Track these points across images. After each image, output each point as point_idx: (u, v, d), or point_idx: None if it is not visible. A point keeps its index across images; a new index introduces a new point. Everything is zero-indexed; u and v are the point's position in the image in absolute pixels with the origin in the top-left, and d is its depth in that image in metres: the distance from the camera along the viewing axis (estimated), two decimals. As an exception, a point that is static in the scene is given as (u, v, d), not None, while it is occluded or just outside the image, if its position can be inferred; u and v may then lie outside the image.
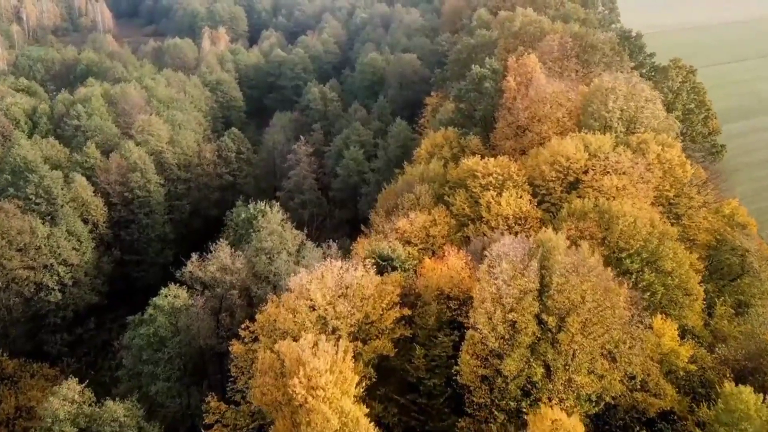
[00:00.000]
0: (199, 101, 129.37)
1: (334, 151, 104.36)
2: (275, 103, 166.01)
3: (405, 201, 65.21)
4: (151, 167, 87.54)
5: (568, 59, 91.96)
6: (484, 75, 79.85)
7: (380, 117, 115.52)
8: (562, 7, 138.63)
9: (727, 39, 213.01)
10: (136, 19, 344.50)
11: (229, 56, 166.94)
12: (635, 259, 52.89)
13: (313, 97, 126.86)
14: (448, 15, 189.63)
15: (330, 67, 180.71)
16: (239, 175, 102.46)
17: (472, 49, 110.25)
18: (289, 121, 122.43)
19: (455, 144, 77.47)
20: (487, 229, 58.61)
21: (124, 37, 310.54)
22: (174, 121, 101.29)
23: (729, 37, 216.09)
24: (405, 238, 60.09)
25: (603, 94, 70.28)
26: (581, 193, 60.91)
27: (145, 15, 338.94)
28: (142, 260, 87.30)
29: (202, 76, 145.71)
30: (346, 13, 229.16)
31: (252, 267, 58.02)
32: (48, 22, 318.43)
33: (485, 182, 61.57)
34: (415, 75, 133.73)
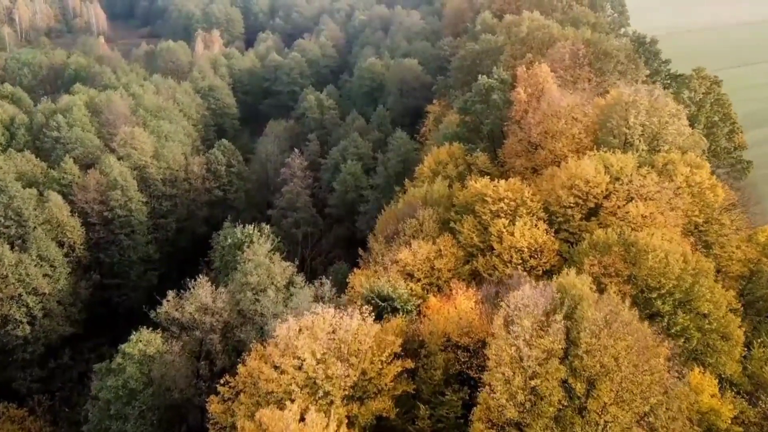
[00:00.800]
0: (189, 109, 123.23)
1: (331, 164, 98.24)
2: (270, 109, 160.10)
3: (407, 227, 59.12)
4: (133, 184, 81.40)
5: (581, 67, 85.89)
6: (491, 86, 73.77)
7: (379, 127, 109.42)
8: (570, 10, 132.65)
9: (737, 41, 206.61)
10: (132, 20, 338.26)
11: (222, 60, 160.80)
12: (667, 300, 46.74)
13: (309, 105, 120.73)
14: (450, 17, 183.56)
15: (328, 72, 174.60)
16: (229, 190, 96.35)
17: (477, 55, 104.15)
18: (283, 130, 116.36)
19: (461, 161, 71.40)
20: (498, 262, 52.53)
21: (119, 39, 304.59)
22: (160, 132, 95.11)
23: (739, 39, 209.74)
24: (407, 271, 54.05)
25: (623, 109, 64.16)
26: (602, 220, 54.83)
27: (141, 16, 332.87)
28: (123, 284, 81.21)
29: (194, 82, 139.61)
30: (345, 15, 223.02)
31: (236, 304, 51.91)
32: (41, 23, 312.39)
33: (496, 208, 55.46)
34: (416, 81, 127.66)
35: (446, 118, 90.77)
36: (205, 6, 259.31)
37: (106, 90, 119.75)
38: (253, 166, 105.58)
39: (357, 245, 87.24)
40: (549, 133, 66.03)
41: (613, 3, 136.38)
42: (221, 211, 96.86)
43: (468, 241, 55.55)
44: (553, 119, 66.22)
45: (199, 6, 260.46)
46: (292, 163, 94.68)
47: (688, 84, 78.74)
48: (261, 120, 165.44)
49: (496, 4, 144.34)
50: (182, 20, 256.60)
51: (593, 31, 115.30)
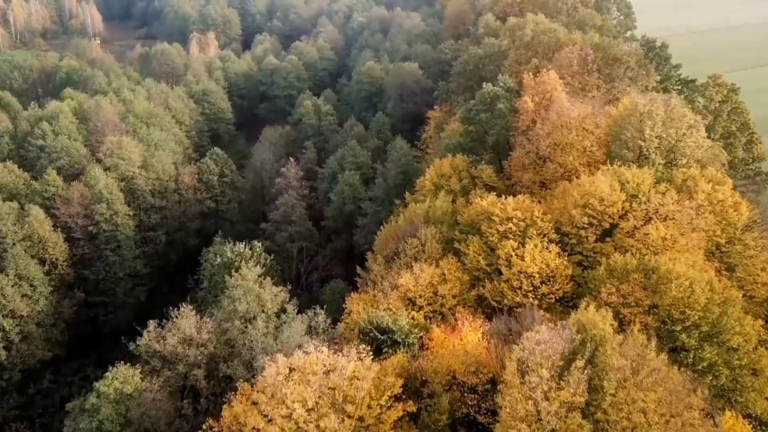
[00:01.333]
0: (182, 114, 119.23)
1: (328, 174, 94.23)
2: (267, 114, 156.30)
3: (408, 247, 55.13)
4: (119, 197, 77.39)
5: (589, 74, 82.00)
6: (497, 94, 69.79)
7: (379, 134, 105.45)
8: (575, 12, 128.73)
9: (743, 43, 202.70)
10: (129, 21, 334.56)
11: (218, 63, 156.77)
12: (692, 334, 42.79)
13: (306, 111, 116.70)
14: (451, 19, 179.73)
15: (326, 75, 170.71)
16: (222, 201, 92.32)
17: (480, 59, 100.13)
18: (279, 136, 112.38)
19: (465, 174, 67.41)
20: (507, 288, 48.54)
21: (115, 41, 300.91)
22: (150, 141, 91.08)
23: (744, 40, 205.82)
24: (408, 297, 50.09)
25: (638, 120, 60.20)
26: (618, 242, 50.87)
27: (138, 17, 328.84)
28: (109, 301, 77.24)
29: (188, 86, 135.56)
30: (343, 16, 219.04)
31: (223, 333, 47.96)
32: (37, 24, 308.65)
33: (504, 229, 51.47)
34: (416, 86, 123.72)
35: (448, 127, 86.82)
36: (201, 7, 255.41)
37: (96, 95, 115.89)
38: (247, 174, 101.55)
39: (355, 260, 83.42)
40: (558, 146, 62.06)
41: (619, 5, 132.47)
42: (214, 222, 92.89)
43: (474, 265, 51.58)
44: (563, 131, 62.25)
45: (195, 7, 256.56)
46: (287, 173, 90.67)
47: (704, 92, 74.76)
48: (257, 124, 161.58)
49: (499, 6, 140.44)
50: (178, 22, 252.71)
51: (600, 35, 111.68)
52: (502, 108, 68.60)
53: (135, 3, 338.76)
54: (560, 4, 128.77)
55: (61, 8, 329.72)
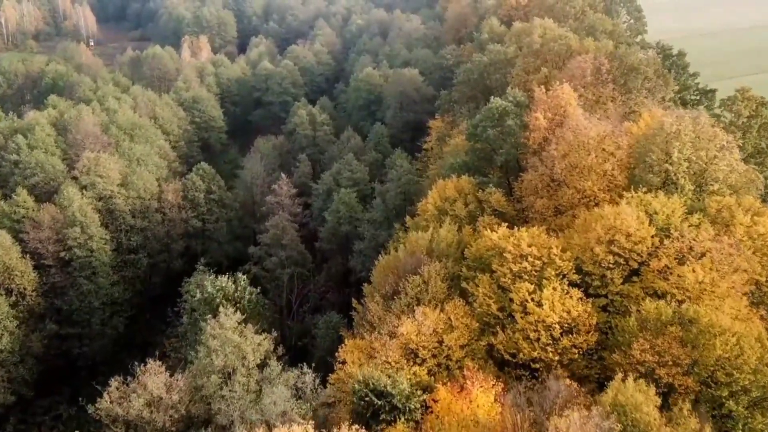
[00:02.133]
0: (170, 124, 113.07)
1: (323, 191, 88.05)
2: (261, 121, 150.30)
3: (409, 286, 49.03)
4: (95, 219, 71.23)
5: (604, 85, 75.93)
6: (505, 109, 63.65)
7: (377, 146, 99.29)
8: (583, 16, 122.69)
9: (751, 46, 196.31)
10: (124, 22, 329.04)
11: (210, 69, 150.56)
12: (741, 400, 36.77)
13: (300, 121, 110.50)
14: (452, 22, 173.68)
15: (322, 80, 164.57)
16: (209, 220, 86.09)
17: (484, 67, 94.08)
18: (272, 148, 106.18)
19: (471, 198, 61.24)
20: (522, 339, 42.44)
21: (109, 42, 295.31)
22: (132, 156, 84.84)
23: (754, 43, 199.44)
24: (410, 347, 44.01)
25: (664, 140, 54.11)
26: (648, 283, 44.76)
27: (133, 18, 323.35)
28: (84, 333, 71.06)
29: (178, 93, 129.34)
30: (341, 18, 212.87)
31: (198, 389, 41.86)
32: (29, 26, 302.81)
33: (517, 268, 45.35)
34: (416, 93, 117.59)
35: (452, 141, 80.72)
36: (196, 9, 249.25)
37: (79, 104, 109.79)
38: (237, 190, 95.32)
39: (351, 286, 77.42)
40: (575, 169, 55.90)
41: (629, 8, 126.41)
42: (200, 242, 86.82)
43: (484, 309, 45.44)
44: (581, 152, 56.11)
45: (189, 9, 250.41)
46: (278, 191, 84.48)
47: (731, 106, 68.64)
48: (251, 132, 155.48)
49: (503, 9, 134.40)
50: (172, 24, 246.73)
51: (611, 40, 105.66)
52: (512, 125, 62.47)
53: (130, 4, 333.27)
54: (568, 7, 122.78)
55: (55, 9, 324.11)
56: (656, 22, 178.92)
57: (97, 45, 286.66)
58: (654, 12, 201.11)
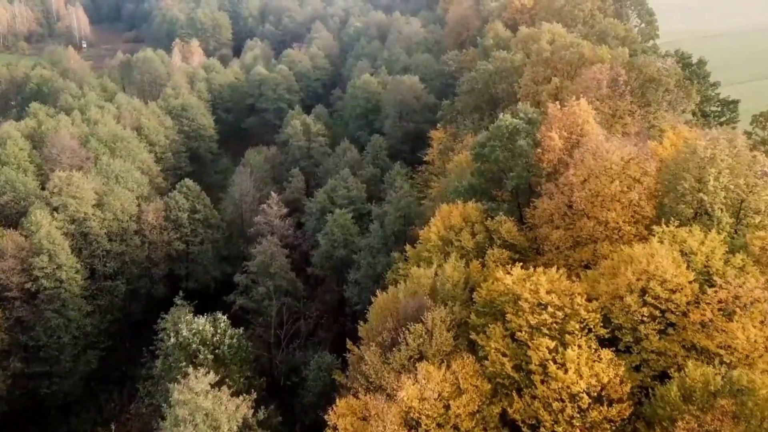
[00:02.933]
0: (156, 134, 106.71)
1: (316, 210, 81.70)
2: (255, 128, 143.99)
3: (410, 337, 42.82)
4: (64, 247, 64.91)
5: (621, 97, 69.84)
6: (516, 128, 57.36)
7: (375, 159, 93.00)
8: (592, 20, 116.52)
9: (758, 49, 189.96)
10: (119, 23, 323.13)
11: (201, 74, 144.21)
12: (809, 492, 30.61)
13: (294, 131, 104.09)
14: (453, 25, 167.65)
15: (319, 85, 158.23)
16: (193, 242, 79.65)
17: (489, 77, 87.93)
18: (263, 160, 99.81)
19: (479, 227, 54.97)
20: (542, 409, 36.19)
21: (102, 44, 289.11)
22: (110, 172, 78.48)
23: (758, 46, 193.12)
24: (411, 414, 37.81)
25: (698, 166, 47.95)
26: (687, 337, 38.58)
27: (127, 19, 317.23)
28: (53, 370, 64.75)
29: (166, 100, 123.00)
30: (339, 21, 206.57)
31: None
32: (22, 27, 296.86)
33: (536, 321, 39.12)
34: (416, 102, 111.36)
35: (456, 158, 74.43)
36: (190, 11, 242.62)
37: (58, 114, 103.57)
38: (225, 207, 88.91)
39: (346, 318, 71.29)
40: (597, 198, 49.69)
41: (640, 12, 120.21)
42: (184, 266, 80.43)
43: (497, 369, 39.20)
44: (602, 178, 49.91)
45: (183, 11, 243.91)
46: (268, 210, 78.16)
47: (764, 123, 62.49)
48: (244, 140, 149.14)
49: (507, 12, 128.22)
50: (166, 26, 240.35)
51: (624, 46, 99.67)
52: (523, 145, 56.19)
53: (124, 5, 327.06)
54: (576, 11, 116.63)
55: (48, 10, 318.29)
56: (660, 23, 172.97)
57: (90, 47, 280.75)
58: (656, 13, 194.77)
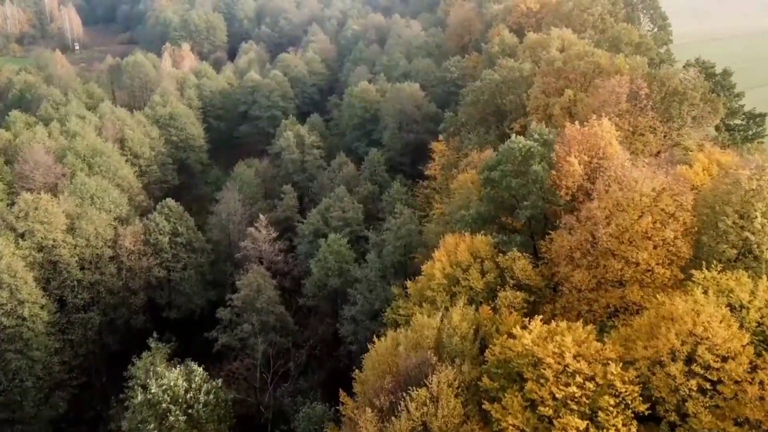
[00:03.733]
0: (141, 145, 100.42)
1: (309, 231, 75.42)
2: (247, 137, 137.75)
3: (412, 405, 36.59)
4: (27, 280, 58.65)
5: (643, 113, 63.66)
6: (530, 151, 51.07)
7: (373, 175, 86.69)
8: (602, 24, 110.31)
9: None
10: (114, 24, 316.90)
11: (192, 80, 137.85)
12: None
13: (287, 143, 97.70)
14: (455, 28, 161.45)
15: (315, 91, 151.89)
16: (175, 268, 73.32)
17: (496, 87, 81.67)
18: (254, 174, 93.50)
19: (489, 264, 48.71)
20: (574, 507, 29.96)
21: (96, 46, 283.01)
22: (85, 192, 72.17)
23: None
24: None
25: (742, 200, 41.75)
26: (740, 411, 32.38)
27: (122, 21, 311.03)
28: (16, 417, 58.43)
29: (153, 109, 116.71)
30: (337, 23, 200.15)
31: None
32: (13, 29, 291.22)
33: (563, 394, 32.87)
34: (417, 111, 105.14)
35: (461, 177, 68.08)
36: (184, 12, 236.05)
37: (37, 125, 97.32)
38: (211, 228, 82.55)
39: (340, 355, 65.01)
40: (625, 235, 43.47)
41: (653, 15, 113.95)
42: (165, 293, 74.13)
43: (516, 451, 32.95)
44: (631, 212, 43.69)
45: (177, 13, 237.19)
46: (255, 235, 71.87)
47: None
48: (236, 149, 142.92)
49: (512, 16, 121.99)
50: (159, 28, 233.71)
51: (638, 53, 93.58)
52: (539, 171, 49.92)
53: (120, 6, 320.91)
54: (586, 15, 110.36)
55: (41, 11, 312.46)
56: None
57: (83, 48, 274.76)
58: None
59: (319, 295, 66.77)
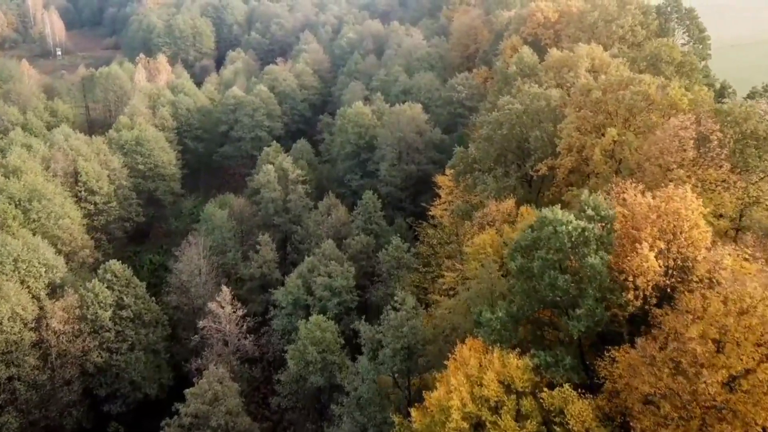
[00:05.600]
0: (98, 179, 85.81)
1: (288, 302, 60.64)
2: (228, 160, 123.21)
3: None
4: None
5: (715, 164, 49.24)
6: (583, 235, 36.31)
7: (368, 223, 71.85)
8: (632, 36, 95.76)
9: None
10: (100, 28, 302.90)
11: (167, 96, 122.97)
12: None
13: (267, 179, 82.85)
14: (459, 36, 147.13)
15: (305, 108, 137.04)
16: (119, 349, 58.42)
17: (517, 119, 66.83)
18: (227, 217, 78.72)
19: (529, 404, 34.07)
20: None
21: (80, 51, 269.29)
22: (5, 256, 57.19)
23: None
24: None
25: None
26: None
27: (108, 24, 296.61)
28: None
29: (119, 131, 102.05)
30: (332, 30, 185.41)
31: None
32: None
33: None
34: (419, 138, 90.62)
35: (478, 241, 53.39)
36: (169, 17, 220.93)
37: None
38: (169, 291, 67.61)
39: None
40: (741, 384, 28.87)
41: (689, 27, 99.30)
42: (108, 382, 59.24)
43: None
44: (748, 348, 29.11)
45: (162, 17, 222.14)
46: (217, 311, 57.04)
47: None
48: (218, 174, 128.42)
49: (527, 27, 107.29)
50: (141, 34, 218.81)
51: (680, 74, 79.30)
52: (597, 266, 35.23)
53: (107, 8, 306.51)
54: (614, 26, 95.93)
55: (25, 14, 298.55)
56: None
57: (65, 54, 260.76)
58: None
59: (297, 396, 52.01)
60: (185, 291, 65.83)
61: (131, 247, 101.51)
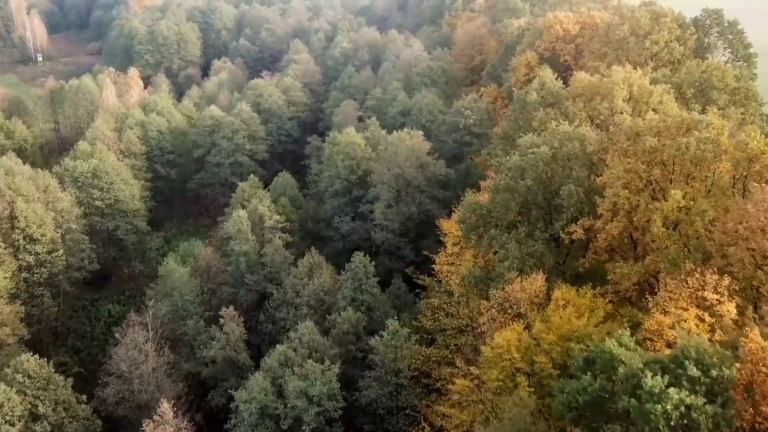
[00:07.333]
0: (41, 224, 72.15)
1: (254, 410, 46.93)
2: (204, 188, 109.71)
3: None
4: None
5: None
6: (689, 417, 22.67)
7: (357, 292, 57.93)
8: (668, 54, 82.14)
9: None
10: (87, 31, 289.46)
11: (136, 116, 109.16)
12: None
13: (237, 228, 69.06)
14: (463, 46, 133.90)
15: (293, 127, 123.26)
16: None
17: (544, 167, 53.06)
18: (189, 274, 64.94)
19: None
20: None
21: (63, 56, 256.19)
22: None
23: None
24: None
25: None
26: None
27: (95, 28, 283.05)
28: None
29: (74, 161, 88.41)
30: (324, 38, 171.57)
31: None
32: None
33: None
34: (420, 173, 77.00)
35: (499, 340, 40.06)
36: (152, 22, 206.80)
37: None
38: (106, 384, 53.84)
39: None
40: None
41: (733, 42, 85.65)
42: None
43: None
44: None
45: (145, 22, 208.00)
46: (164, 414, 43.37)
47: None
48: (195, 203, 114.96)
49: (544, 42, 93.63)
50: (123, 40, 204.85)
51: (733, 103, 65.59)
52: None
53: (93, 11, 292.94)
54: (647, 42, 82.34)
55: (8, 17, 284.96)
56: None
57: (47, 60, 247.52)
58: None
59: None
60: (127, 381, 52.15)
61: (89, 294, 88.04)
